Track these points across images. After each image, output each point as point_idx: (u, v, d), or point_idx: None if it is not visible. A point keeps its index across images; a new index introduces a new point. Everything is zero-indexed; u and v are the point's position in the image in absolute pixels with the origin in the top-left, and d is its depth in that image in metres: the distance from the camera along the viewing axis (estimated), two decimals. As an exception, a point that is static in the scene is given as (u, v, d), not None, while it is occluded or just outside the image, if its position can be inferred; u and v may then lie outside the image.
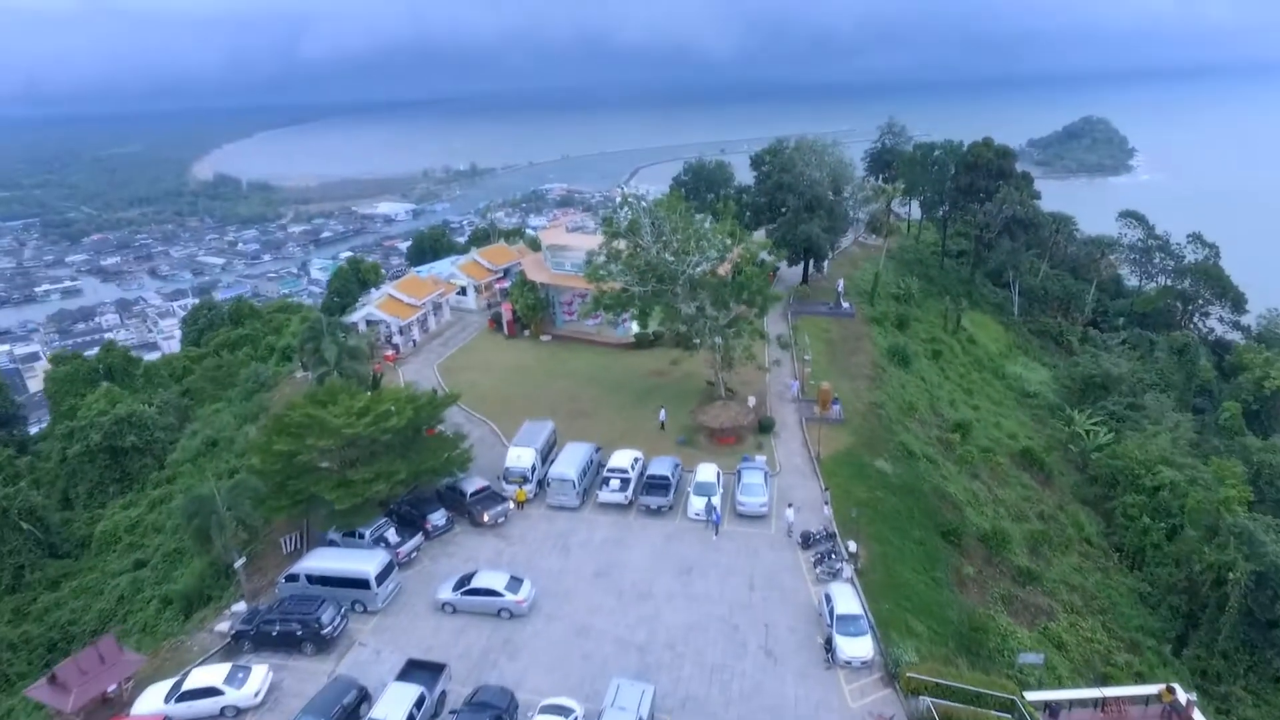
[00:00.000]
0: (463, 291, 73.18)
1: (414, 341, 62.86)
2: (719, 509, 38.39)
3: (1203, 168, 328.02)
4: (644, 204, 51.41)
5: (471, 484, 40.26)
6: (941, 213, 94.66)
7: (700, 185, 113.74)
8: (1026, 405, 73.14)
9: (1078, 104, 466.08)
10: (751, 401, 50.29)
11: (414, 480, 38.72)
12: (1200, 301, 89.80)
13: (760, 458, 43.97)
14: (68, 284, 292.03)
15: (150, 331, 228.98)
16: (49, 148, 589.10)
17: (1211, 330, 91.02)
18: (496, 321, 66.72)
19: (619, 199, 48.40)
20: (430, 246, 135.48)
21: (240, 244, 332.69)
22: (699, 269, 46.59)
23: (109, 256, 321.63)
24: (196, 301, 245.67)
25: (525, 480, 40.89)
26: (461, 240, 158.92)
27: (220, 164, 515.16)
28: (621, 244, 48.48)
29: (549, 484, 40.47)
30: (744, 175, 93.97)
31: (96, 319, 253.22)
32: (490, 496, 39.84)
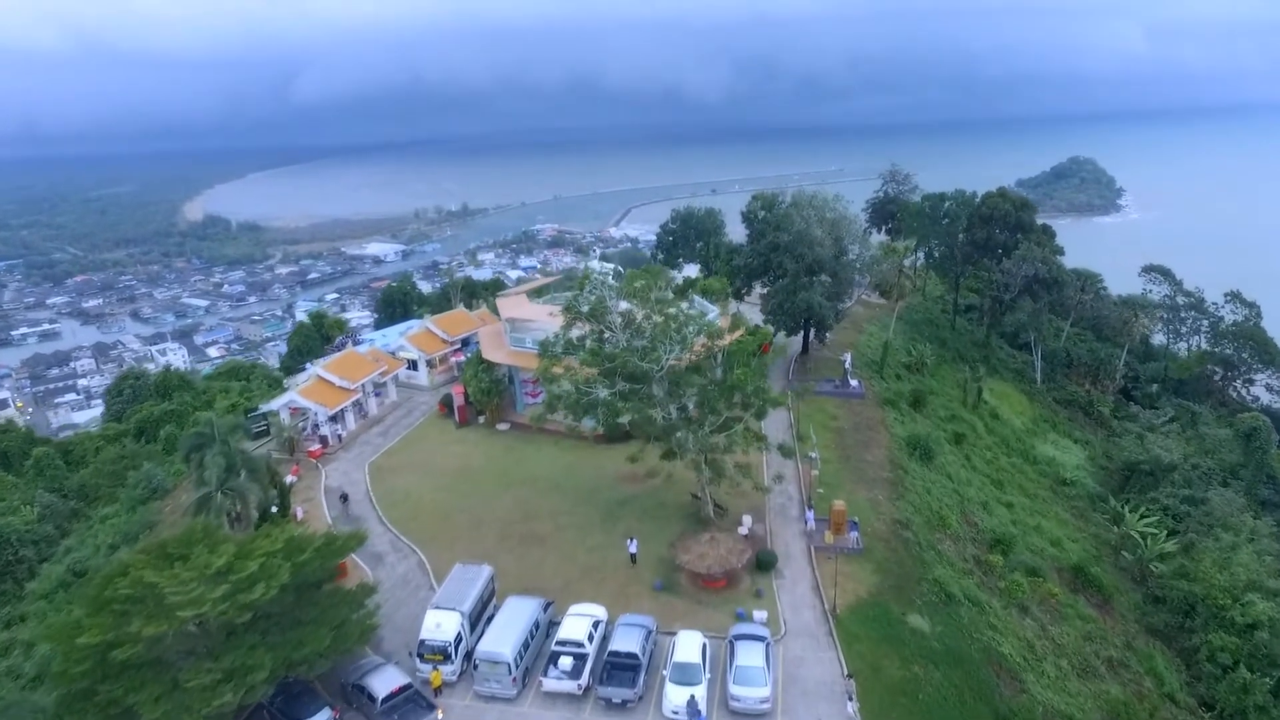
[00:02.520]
0: (413, 365, 63.52)
1: (339, 436, 52.75)
2: (704, 708, 28.14)
3: (1191, 206, 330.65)
4: (611, 280, 42.30)
5: (384, 679, 29.36)
6: (953, 269, 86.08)
7: (689, 233, 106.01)
8: (1063, 495, 63.42)
9: (1064, 144, 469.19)
10: (746, 523, 40.37)
11: (285, 673, 28.31)
12: (1243, 368, 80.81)
13: (759, 615, 33.81)
14: (46, 327, 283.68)
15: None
16: (40, 189, 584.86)
17: (1257, 399, 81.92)
18: (447, 406, 56.92)
19: (580, 276, 39.07)
20: (399, 299, 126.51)
21: (226, 285, 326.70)
22: (680, 358, 37.03)
23: (91, 298, 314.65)
24: (169, 346, 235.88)
25: (447, 658, 30.50)
26: (442, 284, 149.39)
27: (211, 204, 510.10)
28: (585, 328, 39.09)
29: (477, 664, 30.10)
30: (734, 220, 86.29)
31: (72, 364, 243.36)
32: (411, 700, 28.76)
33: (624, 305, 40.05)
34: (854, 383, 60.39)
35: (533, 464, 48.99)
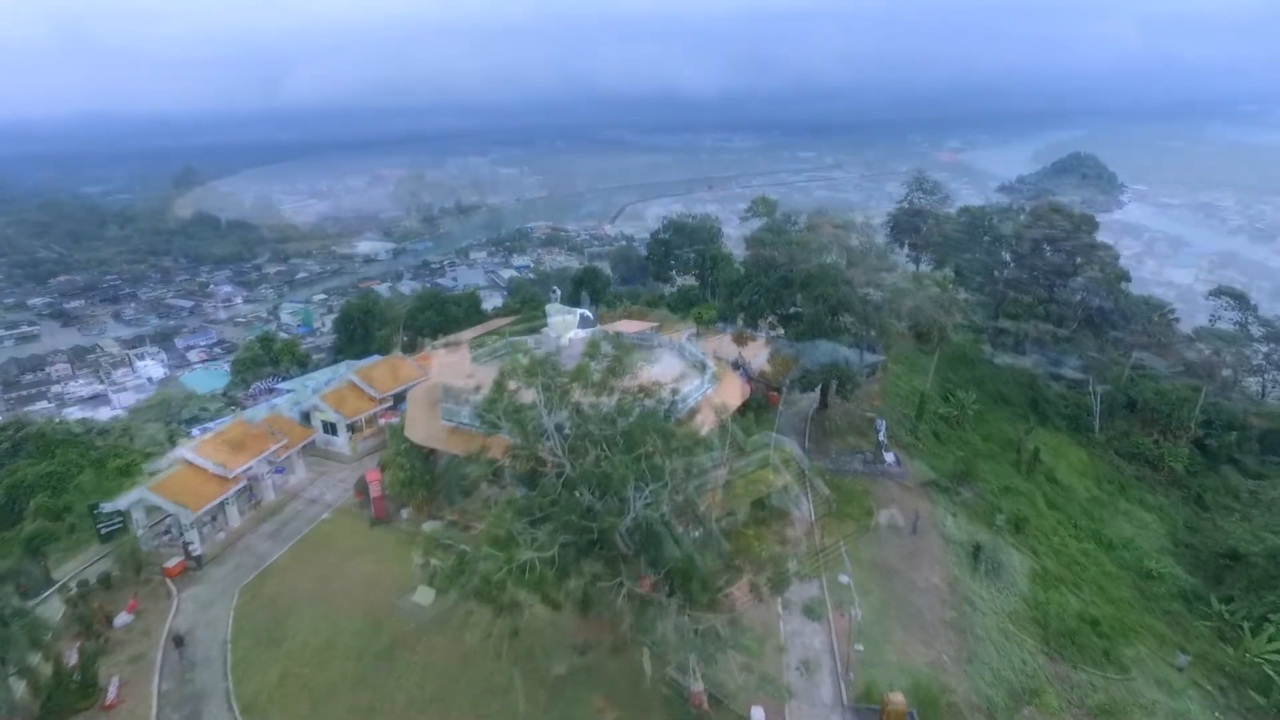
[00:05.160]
0: (331, 429, 50.33)
1: (197, 557, 39.35)
2: None
3: (1192, 203, 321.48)
4: (561, 343, 29.12)
5: None
6: (994, 295, 72.76)
7: (683, 243, 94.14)
8: (1151, 595, 50.39)
9: (1064, 141, 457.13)
10: (757, 723, 27.29)
11: None
12: (1344, 416, 67.70)
13: None
14: (24, 329, 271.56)
15: (102, 383, 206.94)
16: (28, 185, 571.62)
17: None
18: (364, 494, 43.76)
19: (512, 357, 25.74)
20: (360, 319, 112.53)
21: (212, 285, 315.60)
22: (656, 502, 23.73)
23: (74, 299, 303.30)
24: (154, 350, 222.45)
25: None
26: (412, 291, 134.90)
27: (203, 201, 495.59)
28: (506, 437, 25.83)
29: None
30: (731, 225, 73.96)
31: (47, 369, 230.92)
32: None
33: (578, 392, 26.88)
34: (889, 456, 47.33)
35: (461, 595, 35.71)
